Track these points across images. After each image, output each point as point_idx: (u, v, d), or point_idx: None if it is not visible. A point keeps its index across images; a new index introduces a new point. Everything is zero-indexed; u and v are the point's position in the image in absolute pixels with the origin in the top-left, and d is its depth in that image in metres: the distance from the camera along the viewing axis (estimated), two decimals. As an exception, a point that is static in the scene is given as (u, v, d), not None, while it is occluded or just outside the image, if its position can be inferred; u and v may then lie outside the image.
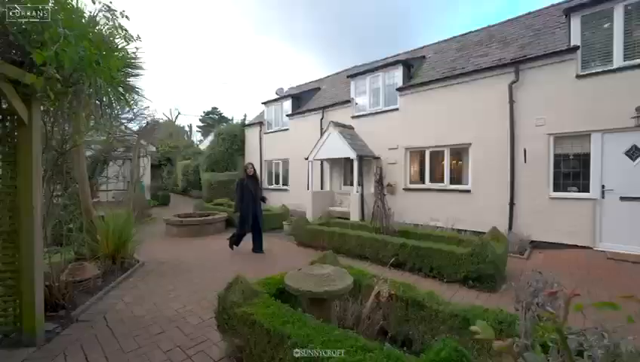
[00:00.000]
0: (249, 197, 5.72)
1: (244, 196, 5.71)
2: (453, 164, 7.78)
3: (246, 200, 5.70)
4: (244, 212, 5.71)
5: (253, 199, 5.77)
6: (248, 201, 5.69)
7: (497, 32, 8.72)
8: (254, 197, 5.80)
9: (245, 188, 5.71)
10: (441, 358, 1.39)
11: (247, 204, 5.69)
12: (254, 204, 5.77)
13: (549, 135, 6.22)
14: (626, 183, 5.44)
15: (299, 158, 11.47)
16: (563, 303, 1.53)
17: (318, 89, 13.16)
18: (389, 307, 2.67)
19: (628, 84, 5.38)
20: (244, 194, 5.71)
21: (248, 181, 5.77)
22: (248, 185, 5.73)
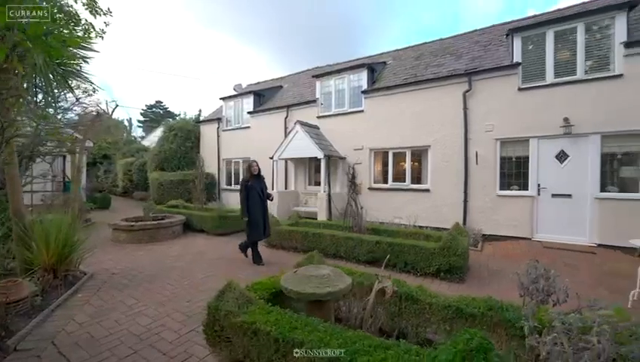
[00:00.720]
0: (256, 199, 5.06)
1: (251, 198, 5.04)
2: (414, 165, 8.28)
3: (253, 203, 5.03)
4: (253, 218, 5.01)
5: (262, 202, 5.15)
6: (256, 205, 5.03)
7: (449, 44, 9.53)
8: (262, 199, 5.17)
9: (251, 190, 5.05)
10: (472, 347, 1.44)
11: (254, 207, 5.02)
12: (263, 208, 5.16)
13: (496, 140, 6.99)
14: (556, 182, 6.38)
15: (261, 157, 11.00)
16: (562, 287, 1.70)
17: (280, 87, 12.91)
18: (387, 303, 2.70)
19: (558, 97, 6.32)
20: (251, 196, 5.04)
21: (254, 181, 5.13)
22: (254, 185, 5.10)
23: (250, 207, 5.02)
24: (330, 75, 9.69)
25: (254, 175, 5.19)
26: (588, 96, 6.03)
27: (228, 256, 5.68)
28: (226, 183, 12.71)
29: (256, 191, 5.08)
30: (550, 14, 8.21)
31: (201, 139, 13.48)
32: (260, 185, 5.20)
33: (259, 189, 5.12)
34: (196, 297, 3.71)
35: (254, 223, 5.04)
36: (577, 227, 6.13)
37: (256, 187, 5.11)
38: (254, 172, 5.21)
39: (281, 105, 10.79)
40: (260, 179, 5.31)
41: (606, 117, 5.87)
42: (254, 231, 5.09)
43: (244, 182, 5.15)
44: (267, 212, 5.31)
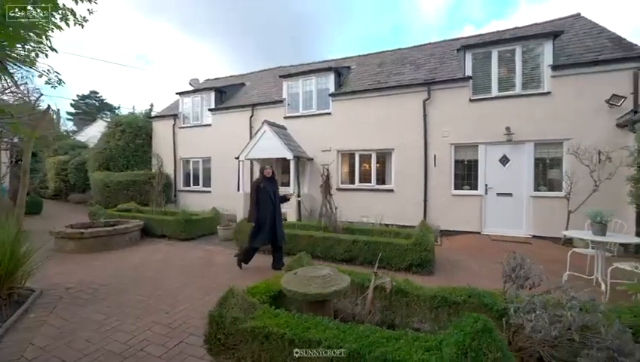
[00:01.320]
0: (267, 203, 4.79)
1: (261, 202, 4.76)
2: (379, 167, 8.76)
3: (263, 207, 4.75)
4: (261, 221, 4.73)
5: (274, 206, 4.87)
6: (266, 209, 4.75)
7: (408, 54, 10.27)
8: (274, 203, 4.90)
9: (263, 193, 4.79)
10: (478, 329, 1.66)
11: (264, 211, 4.73)
12: (274, 213, 4.87)
13: (451, 144, 7.76)
14: (500, 183, 7.33)
15: (224, 157, 10.68)
16: (537, 273, 2.04)
17: (242, 84, 12.53)
18: (380, 297, 2.89)
19: (501, 109, 7.26)
20: (261, 199, 4.77)
21: (266, 184, 4.88)
22: (267, 188, 4.84)
23: (260, 210, 4.75)
24: (297, 76, 9.73)
25: (267, 178, 4.96)
26: (524, 109, 7.05)
27: (200, 262, 5.40)
28: (183, 184, 11.92)
29: (268, 194, 4.83)
30: (494, 34, 9.36)
31: (153, 136, 12.42)
32: (272, 188, 4.96)
33: (271, 192, 4.88)
34: (175, 308, 3.49)
35: (259, 228, 4.76)
36: (516, 221, 7.13)
37: (269, 190, 4.86)
38: (267, 175, 4.98)
39: (246, 104, 10.50)
40: (273, 182, 5.08)
41: (537, 127, 6.93)
42: (259, 235, 4.77)
43: (256, 184, 4.87)
44: (280, 216, 5.03)
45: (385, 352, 1.78)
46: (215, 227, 7.72)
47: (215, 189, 11.07)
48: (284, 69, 12.74)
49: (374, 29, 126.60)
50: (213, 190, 11.12)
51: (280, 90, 10.39)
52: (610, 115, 6.35)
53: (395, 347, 1.82)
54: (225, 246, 6.53)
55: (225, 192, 10.53)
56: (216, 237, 7.41)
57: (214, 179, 11.14)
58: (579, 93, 6.59)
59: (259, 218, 4.73)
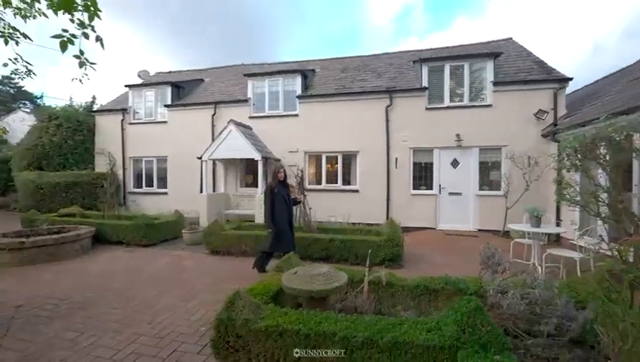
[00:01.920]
0: (283, 208, 4.60)
1: (277, 206, 4.55)
2: (344, 168, 9.14)
3: (279, 211, 4.55)
4: (280, 226, 4.53)
5: (288, 209, 4.71)
6: (282, 213, 4.58)
7: (369, 62, 10.86)
8: (289, 206, 4.74)
9: (277, 197, 4.57)
10: (472, 308, 1.98)
11: (281, 216, 4.56)
12: (289, 217, 4.73)
13: (410, 148, 8.47)
14: (451, 183, 8.23)
15: (182, 156, 10.09)
16: (505, 261, 2.48)
17: (201, 80, 11.91)
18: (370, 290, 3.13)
19: (452, 117, 8.16)
20: (277, 203, 4.55)
21: (279, 188, 4.66)
22: (281, 192, 4.64)
23: (275, 215, 4.55)
24: (263, 76, 9.64)
25: (280, 181, 4.75)
26: (471, 118, 8.03)
27: (171, 268, 5.10)
28: (134, 185, 10.92)
29: (282, 197, 4.64)
30: (445, 50, 10.39)
31: (97, 132, 11.13)
32: (285, 192, 4.78)
33: (285, 196, 4.72)
34: (157, 317, 3.31)
35: (280, 233, 4.56)
36: (465, 217, 8.09)
37: (283, 193, 4.69)
38: (281, 178, 4.76)
39: (208, 102, 10.05)
40: (286, 185, 4.90)
41: (482, 135, 7.96)
42: (280, 241, 4.55)
43: (270, 188, 4.65)
44: (293, 220, 4.92)
45: (395, 336, 2.01)
46: (179, 231, 7.29)
47: (172, 191, 10.38)
48: (247, 67, 12.46)
49: (327, 31, 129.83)
50: (170, 191, 10.41)
51: (244, 89, 10.17)
52: (537, 126, 7.60)
53: (401, 331, 2.07)
54: (193, 251, 6.23)
55: (183, 194, 9.96)
56: (181, 241, 7.01)
57: (171, 179, 10.44)
58: (514, 106, 7.75)
59: (276, 223, 4.56)
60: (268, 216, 4.52)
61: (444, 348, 1.91)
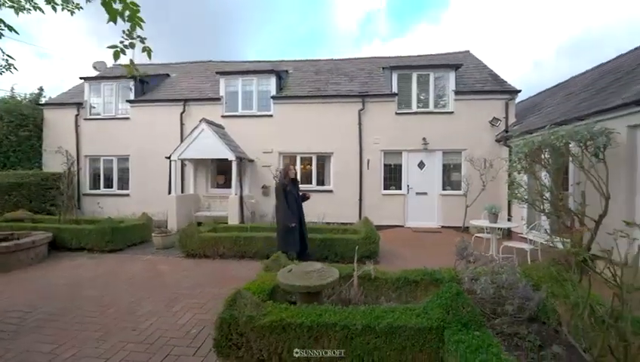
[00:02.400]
0: (294, 206, 4.64)
1: (290, 205, 4.59)
2: (319, 169, 9.34)
3: (292, 209, 4.59)
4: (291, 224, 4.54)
5: (299, 208, 4.74)
6: (293, 211, 4.60)
7: (341, 66, 11.20)
8: (299, 205, 4.78)
9: (289, 195, 4.61)
10: (455, 292, 2.28)
11: (293, 214, 4.58)
12: (300, 215, 4.74)
13: (381, 151, 8.94)
14: (418, 184, 8.84)
15: (146, 155, 9.55)
16: (475, 253, 2.85)
17: (167, 75, 11.34)
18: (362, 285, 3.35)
19: (419, 122, 8.77)
20: (289, 202, 4.59)
21: (291, 186, 4.71)
22: (292, 191, 4.68)
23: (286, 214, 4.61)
24: (237, 74, 9.49)
25: (292, 179, 4.81)
26: (436, 124, 8.71)
27: (146, 274, 4.87)
28: (90, 187, 10.06)
29: (293, 196, 4.68)
30: (413, 59, 11.06)
31: (46, 127, 10.04)
32: (296, 191, 4.83)
33: (295, 195, 4.75)
34: (141, 324, 3.21)
35: (291, 232, 4.58)
36: (430, 215, 8.75)
37: (294, 192, 4.72)
38: (292, 176, 4.82)
39: (177, 99, 9.63)
40: (296, 183, 4.96)
41: (445, 139, 8.67)
42: (290, 241, 4.58)
43: (283, 186, 4.67)
44: (304, 219, 4.92)
45: (390, 322, 2.24)
46: (147, 234, 6.93)
47: (135, 192, 9.75)
48: (216, 64, 12.10)
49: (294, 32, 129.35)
50: (133, 193, 9.78)
51: (215, 87, 9.91)
52: (492, 132, 8.48)
53: (394, 317, 2.30)
54: (166, 255, 5.99)
55: (148, 195, 9.42)
56: (150, 245, 6.68)
57: (134, 180, 9.81)
58: (472, 114, 8.57)
59: (287, 221, 4.61)
60: (287, 214, 4.58)
61: (432, 328, 2.18)
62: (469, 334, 2.04)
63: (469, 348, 1.88)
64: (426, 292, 3.35)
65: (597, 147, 4.59)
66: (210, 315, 3.41)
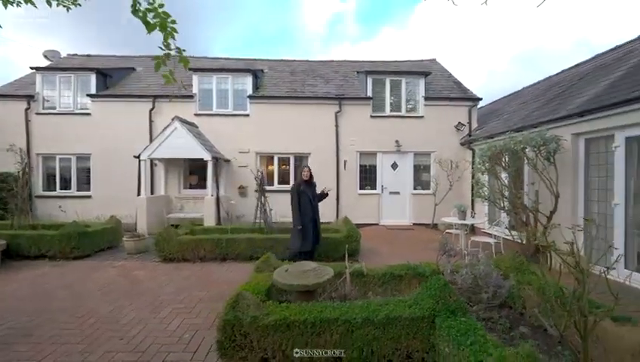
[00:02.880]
0: (308, 207, 4.73)
1: (302, 206, 4.68)
2: (297, 169, 9.40)
3: (304, 210, 4.68)
4: (306, 225, 4.66)
5: (313, 208, 4.81)
6: (307, 212, 4.70)
7: (316, 68, 11.35)
8: (313, 206, 4.83)
9: (303, 196, 4.70)
10: (442, 285, 2.53)
11: (306, 215, 4.68)
12: (314, 215, 4.82)
13: (357, 152, 9.25)
14: (391, 183, 9.29)
15: (111, 154, 8.94)
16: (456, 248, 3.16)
17: (132, 69, 10.65)
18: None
19: (392, 125, 9.22)
20: (302, 203, 4.69)
21: (305, 187, 4.77)
22: (306, 191, 4.75)
23: (301, 214, 4.68)
24: (211, 72, 9.22)
25: (305, 180, 4.87)
26: (408, 127, 9.22)
27: (122, 281, 4.61)
28: (43, 188, 9.15)
29: (307, 197, 4.75)
30: (387, 64, 11.53)
31: (-13, 121, 8.94)
32: (311, 192, 4.89)
33: (310, 196, 4.81)
34: (129, 332, 3.09)
35: (304, 232, 4.68)
36: (403, 213, 9.24)
37: (308, 193, 4.78)
38: (305, 177, 4.89)
39: (145, 95, 9.11)
40: (312, 185, 5.00)
41: (416, 142, 9.21)
42: (303, 240, 4.68)
43: (296, 187, 4.79)
44: (319, 220, 4.98)
45: (387, 314, 2.43)
46: (116, 239, 6.53)
47: (98, 194, 9.07)
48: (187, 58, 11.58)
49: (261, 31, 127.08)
50: (96, 195, 9.09)
51: (186, 83, 9.53)
52: (457, 136, 9.18)
53: (390, 309, 2.50)
54: (140, 260, 5.70)
55: (113, 197, 8.83)
56: (120, 250, 6.31)
57: (96, 181, 9.11)
58: (440, 118, 9.20)
59: (303, 221, 4.69)
60: (295, 214, 4.70)
61: (424, 317, 2.41)
62: (457, 320, 2.30)
63: (459, 331, 2.13)
64: (410, 285, 3.62)
65: (548, 152, 5.23)
66: (201, 319, 3.38)
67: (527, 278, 3.17)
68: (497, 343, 1.98)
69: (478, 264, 2.91)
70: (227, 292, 4.15)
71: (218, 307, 3.70)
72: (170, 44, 2.14)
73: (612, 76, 5.61)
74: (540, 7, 2.41)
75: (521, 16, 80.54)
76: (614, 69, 5.94)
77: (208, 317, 3.44)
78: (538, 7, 2.24)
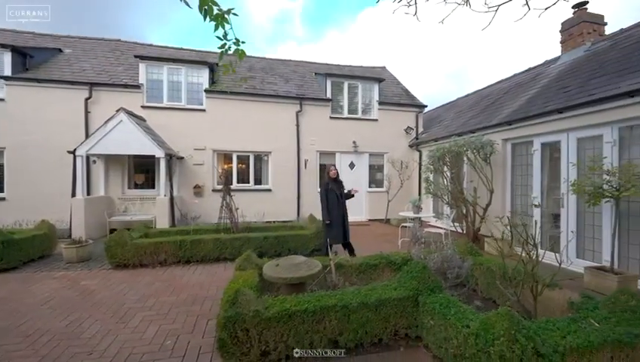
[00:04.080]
0: (335, 202, 5.15)
1: (330, 203, 5.14)
2: (257, 168, 9.25)
3: (332, 207, 5.13)
4: (334, 219, 5.11)
5: (340, 205, 5.17)
6: (334, 208, 5.14)
7: (275, 66, 11.27)
8: (340, 203, 5.19)
9: (330, 194, 5.17)
10: (421, 267, 2.88)
11: (333, 211, 5.14)
12: (342, 212, 5.20)
13: (317, 151, 9.50)
14: (350, 182, 9.71)
15: (32, 149, 7.64)
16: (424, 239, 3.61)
17: (59, 50, 9.17)
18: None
19: (350, 127, 9.70)
20: (330, 199, 5.15)
21: (333, 185, 5.21)
22: (334, 189, 5.20)
23: (329, 210, 5.13)
24: (162, 61, 8.49)
25: (333, 178, 5.29)
26: (364, 129, 9.80)
27: (70, 293, 4.03)
28: None
29: (334, 194, 5.20)
30: (342, 68, 12.01)
31: None
32: (339, 190, 5.27)
33: (338, 193, 5.22)
34: (98, 346, 2.78)
35: (333, 225, 5.14)
36: (360, 210, 9.79)
37: (335, 191, 5.22)
38: (333, 176, 5.30)
39: (80, 81, 7.95)
40: (339, 183, 5.37)
41: (371, 143, 9.85)
42: (332, 232, 5.14)
43: (325, 185, 5.26)
44: (347, 216, 5.34)
45: (378, 297, 2.69)
46: (49, 247, 5.63)
47: (14, 195, 7.62)
48: (127, 45, 10.44)
49: (199, 22, 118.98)
50: (11, 196, 7.62)
51: (131, 72, 8.65)
52: (406, 139, 10.09)
53: (379, 293, 2.76)
54: (85, 268, 5.01)
55: (35, 199, 7.56)
56: (55, 259, 5.46)
57: (11, 180, 7.65)
58: (392, 122, 10.00)
59: (330, 217, 5.13)
60: (324, 213, 5.19)
61: (409, 297, 2.73)
62: (437, 296, 2.67)
63: (441, 305, 2.49)
64: (383, 273, 3.98)
65: (485, 153, 6.18)
66: (178, 324, 3.20)
67: (479, 260, 3.79)
68: (474, 312, 2.37)
69: (445, 248, 3.36)
70: (201, 295, 3.99)
71: (194, 310, 3.56)
72: (227, 33, 2.04)
73: (529, 92, 6.87)
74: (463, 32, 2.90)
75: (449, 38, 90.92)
76: (529, 87, 7.27)
77: (187, 321, 3.27)
78: (483, 30, 2.73)
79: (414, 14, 2.80)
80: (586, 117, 4.76)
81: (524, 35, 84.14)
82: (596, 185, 3.99)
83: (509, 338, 1.78)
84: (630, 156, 4.28)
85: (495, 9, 2.53)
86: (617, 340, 1.99)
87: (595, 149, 4.70)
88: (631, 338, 2.00)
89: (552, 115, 5.24)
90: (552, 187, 5.46)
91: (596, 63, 5.90)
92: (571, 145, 5.05)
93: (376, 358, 2.57)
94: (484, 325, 1.95)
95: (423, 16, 18.64)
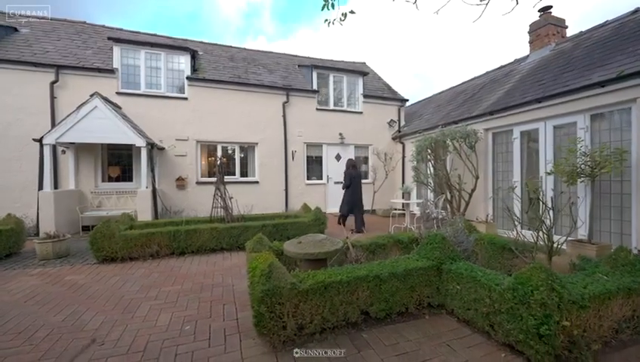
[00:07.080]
0: (358, 186, 6.94)
1: (353, 185, 6.89)
2: (243, 159, 8.98)
3: (354, 188, 6.90)
4: (351, 197, 6.88)
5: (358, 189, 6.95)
6: (357, 190, 6.92)
7: (256, 57, 10.99)
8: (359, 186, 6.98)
9: (354, 180, 6.91)
10: (441, 238, 3.00)
11: (355, 193, 6.90)
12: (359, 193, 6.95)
13: (304, 143, 9.45)
14: (336, 173, 9.85)
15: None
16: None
17: (13, 29, 8.16)
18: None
19: (336, 119, 9.77)
20: (353, 183, 6.90)
21: (354, 172, 6.98)
22: (354, 175, 6.93)
23: (351, 192, 6.90)
24: (139, 45, 7.90)
25: (353, 166, 7.07)
26: (349, 121, 9.93)
27: (56, 288, 3.64)
28: None
29: (356, 180, 6.93)
30: (324, 61, 12.02)
31: None
32: (358, 177, 7.01)
33: (358, 179, 6.98)
34: (109, 336, 2.56)
35: (346, 201, 6.97)
36: (346, 201, 9.90)
37: (356, 177, 6.95)
38: (353, 164, 7.09)
39: (44, 63, 7.14)
40: (358, 171, 7.18)
41: (356, 135, 10.01)
42: (344, 206, 7.06)
43: (350, 174, 6.94)
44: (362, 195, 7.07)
45: (405, 267, 2.76)
46: (17, 244, 5.03)
47: (-37, 190, 6.68)
48: (94, 28, 9.58)
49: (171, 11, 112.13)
50: (-41, 192, 6.67)
51: (101, 55, 7.96)
52: (390, 131, 10.39)
53: (398, 264, 2.83)
54: (65, 264, 4.54)
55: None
56: (24, 257, 4.89)
57: (-40, 173, 6.70)
58: (376, 115, 10.23)
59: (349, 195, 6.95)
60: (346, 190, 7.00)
61: (433, 266, 2.84)
62: (459, 264, 2.80)
63: (466, 270, 2.62)
64: (391, 251, 4.08)
65: (470, 142, 6.56)
66: (192, 311, 3.04)
67: (479, 235, 4.03)
68: (497, 273, 2.53)
69: (456, 223, 3.53)
70: (208, 283, 3.82)
71: (205, 297, 3.40)
72: None
73: (506, 86, 7.41)
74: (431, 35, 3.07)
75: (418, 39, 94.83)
76: (505, 82, 7.85)
77: (201, 307, 3.12)
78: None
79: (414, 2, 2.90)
80: (562, 106, 5.25)
81: (483, 38, 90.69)
82: (574, 166, 4.42)
83: (547, 288, 1.93)
84: (601, 140, 4.80)
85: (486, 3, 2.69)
86: (627, 287, 2.24)
87: (569, 135, 5.19)
88: (637, 285, 2.26)
89: (531, 104, 5.71)
90: (531, 171, 5.95)
91: (564, 60, 6.52)
92: (548, 132, 5.54)
93: (405, 326, 2.65)
94: (520, 279, 2.09)
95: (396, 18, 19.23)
